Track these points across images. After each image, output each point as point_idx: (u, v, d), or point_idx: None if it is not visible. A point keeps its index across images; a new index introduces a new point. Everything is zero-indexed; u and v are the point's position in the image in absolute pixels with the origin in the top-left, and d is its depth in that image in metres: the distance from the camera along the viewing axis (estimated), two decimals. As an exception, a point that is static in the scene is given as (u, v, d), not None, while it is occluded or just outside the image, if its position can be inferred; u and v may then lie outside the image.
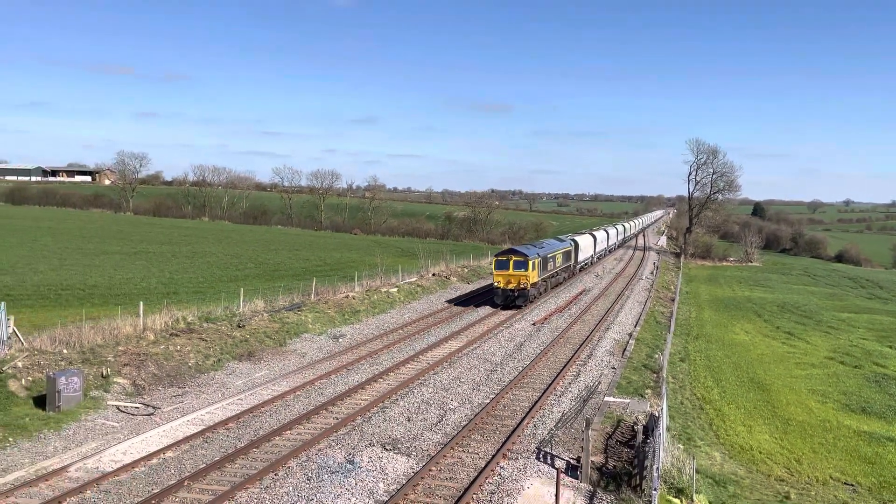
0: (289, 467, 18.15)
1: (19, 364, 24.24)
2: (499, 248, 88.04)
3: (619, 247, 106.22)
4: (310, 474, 17.70)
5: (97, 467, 18.05)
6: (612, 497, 17.34)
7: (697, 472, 20.12)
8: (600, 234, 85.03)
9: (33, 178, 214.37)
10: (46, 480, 17.03)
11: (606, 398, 26.05)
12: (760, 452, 26.46)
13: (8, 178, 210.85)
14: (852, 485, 24.24)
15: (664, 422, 21.92)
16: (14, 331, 29.15)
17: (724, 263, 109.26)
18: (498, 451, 19.70)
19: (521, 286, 44.33)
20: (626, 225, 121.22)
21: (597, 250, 79.95)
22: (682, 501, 18.51)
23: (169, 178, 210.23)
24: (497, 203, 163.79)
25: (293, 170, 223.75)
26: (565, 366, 30.12)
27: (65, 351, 26.44)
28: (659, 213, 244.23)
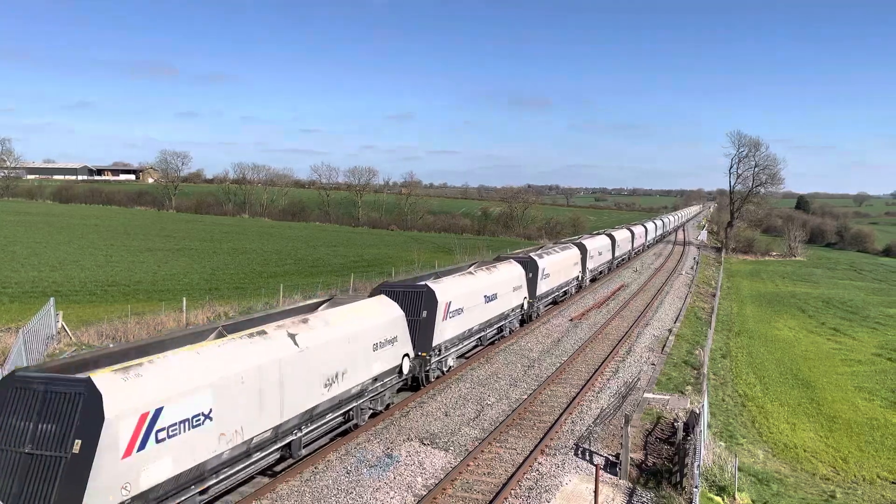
0: (328, 461, 18.36)
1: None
2: (535, 243, 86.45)
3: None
4: (349, 468, 17.89)
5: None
6: (652, 494, 17.18)
7: (740, 469, 19.81)
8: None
9: (80, 177, 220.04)
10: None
11: (646, 395, 25.80)
12: (805, 450, 25.97)
13: (56, 177, 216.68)
14: (901, 485, 23.62)
15: (705, 419, 21.63)
16: (63, 325, 30.03)
17: (767, 258, 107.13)
18: (536, 446, 19.66)
19: None
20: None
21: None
22: (723, 499, 18.25)
23: (210, 177, 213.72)
24: (534, 198, 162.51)
25: (331, 167, 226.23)
26: (603, 362, 29.90)
27: (111, 345, 27.12)
28: (695, 208, 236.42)
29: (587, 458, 19.21)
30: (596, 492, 16.06)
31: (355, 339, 19.46)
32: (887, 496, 22.43)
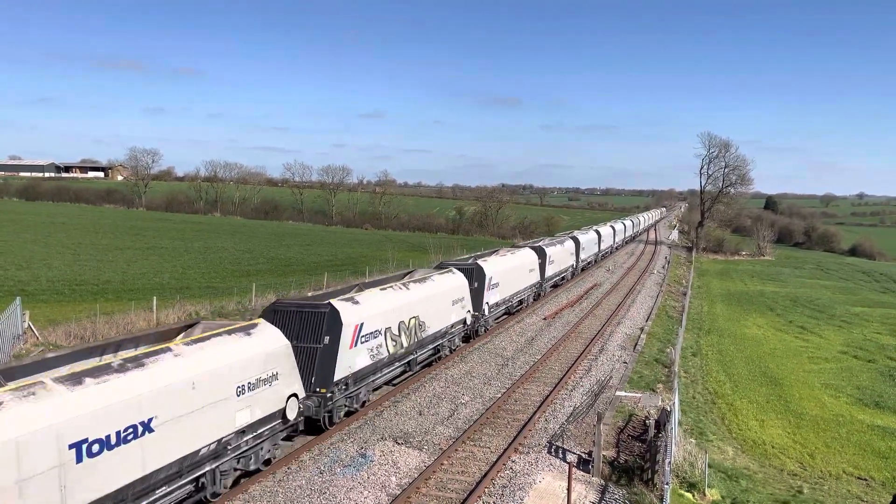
0: (301, 461, 18.25)
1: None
2: (510, 242, 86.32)
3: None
4: (322, 468, 17.80)
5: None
6: (624, 491, 17.34)
7: (710, 466, 20.09)
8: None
9: (47, 174, 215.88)
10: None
11: (618, 393, 26.03)
12: (773, 447, 26.40)
13: (22, 174, 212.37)
14: (865, 479, 24.15)
15: (676, 416, 21.89)
16: (30, 325, 29.48)
17: (737, 257, 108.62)
18: (509, 445, 19.74)
19: None
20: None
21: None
22: (694, 496, 18.50)
23: (181, 174, 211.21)
24: (507, 198, 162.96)
25: (304, 165, 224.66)
26: (576, 360, 30.10)
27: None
28: (657, 212, 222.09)
29: (560, 455, 19.33)
30: (569, 489, 16.17)
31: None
32: (853, 491, 22.90)
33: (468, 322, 31.25)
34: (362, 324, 21.29)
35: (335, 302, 20.78)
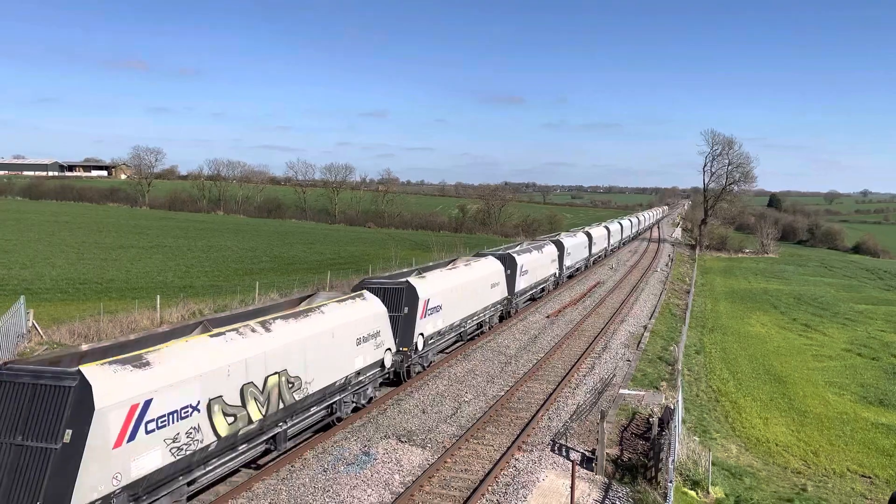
0: (305, 458, 18.28)
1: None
2: (512, 241, 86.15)
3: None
4: (326, 466, 17.83)
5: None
6: (628, 489, 17.34)
7: (713, 464, 20.07)
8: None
9: (50, 174, 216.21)
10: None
11: (621, 390, 26.02)
12: (777, 445, 26.36)
13: (25, 172, 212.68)
14: (869, 477, 24.12)
15: (680, 414, 21.87)
16: (34, 324, 29.57)
17: (740, 255, 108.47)
18: (513, 443, 19.74)
19: None
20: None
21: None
22: (697, 494, 18.48)
23: (184, 173, 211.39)
24: (510, 196, 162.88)
25: (307, 164, 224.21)
26: (580, 358, 30.09)
27: (84, 345, 26.73)
28: (660, 209, 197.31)
29: (563, 453, 19.33)
30: (572, 487, 16.16)
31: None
32: (857, 489, 22.87)
33: (387, 364, 22.94)
34: (149, 401, 12.96)
35: (90, 370, 12.27)
